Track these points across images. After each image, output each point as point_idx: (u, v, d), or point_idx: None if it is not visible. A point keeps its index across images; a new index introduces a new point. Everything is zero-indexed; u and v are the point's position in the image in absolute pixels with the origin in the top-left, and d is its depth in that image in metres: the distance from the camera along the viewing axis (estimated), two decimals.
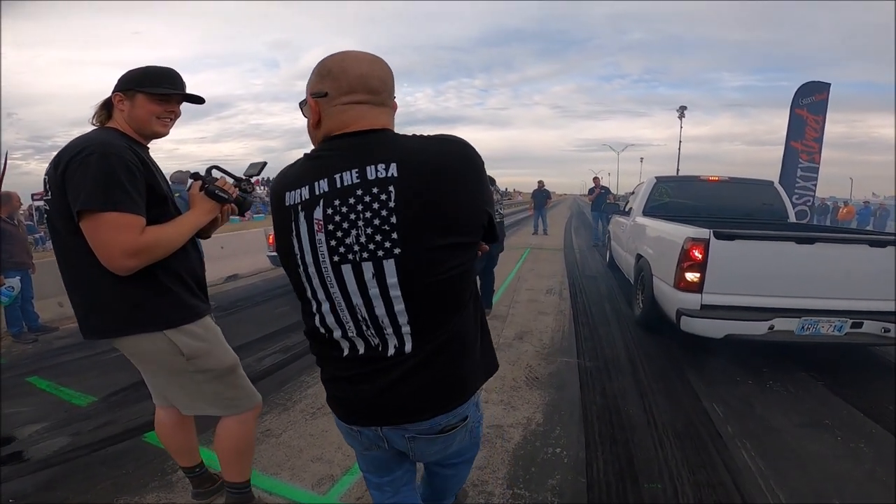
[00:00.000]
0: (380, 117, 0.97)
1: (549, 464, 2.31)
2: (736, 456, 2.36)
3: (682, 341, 4.01)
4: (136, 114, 1.53)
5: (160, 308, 1.53)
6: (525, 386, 3.23)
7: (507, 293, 6.15)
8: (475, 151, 0.96)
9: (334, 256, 0.91)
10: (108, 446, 2.54)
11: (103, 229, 1.35)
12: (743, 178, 5.85)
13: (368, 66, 0.96)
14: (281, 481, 2.21)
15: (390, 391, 0.98)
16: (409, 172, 0.87)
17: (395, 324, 0.93)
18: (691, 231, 3.56)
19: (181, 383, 1.66)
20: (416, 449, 1.06)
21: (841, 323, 3.31)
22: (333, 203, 0.90)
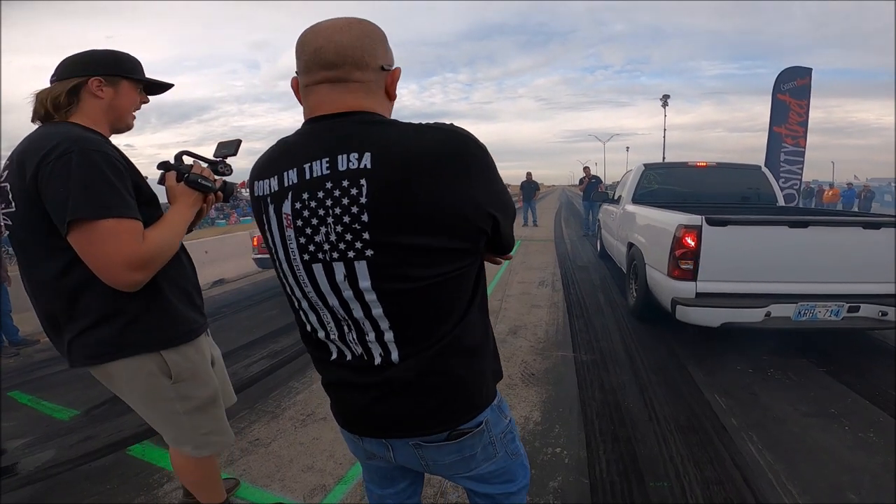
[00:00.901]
0: (344, 98, 0.81)
1: (550, 465, 2.22)
2: (743, 449, 2.29)
3: (678, 331, 3.95)
4: (120, 103, 1.35)
5: (158, 323, 1.36)
6: (521, 383, 3.14)
7: (499, 286, 6.07)
8: (473, 141, 0.80)
9: (304, 255, 0.81)
10: (92, 461, 2.45)
11: (100, 240, 1.15)
12: (731, 162, 5.85)
13: (325, 37, 0.79)
14: (271, 493, 2.12)
15: (385, 402, 0.88)
16: (383, 164, 0.74)
17: (376, 329, 0.83)
18: (683, 218, 3.49)
19: (159, 411, 1.48)
20: (426, 458, 0.94)
21: (838, 307, 3.26)
22: (302, 196, 0.79)
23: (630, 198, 5.61)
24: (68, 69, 1.31)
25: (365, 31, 0.81)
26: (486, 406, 0.94)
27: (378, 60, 0.83)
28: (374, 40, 0.82)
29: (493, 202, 0.83)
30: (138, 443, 2.56)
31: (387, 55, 0.85)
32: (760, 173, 5.62)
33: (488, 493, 1.04)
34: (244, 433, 2.66)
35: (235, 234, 9.73)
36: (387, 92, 0.87)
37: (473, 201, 0.79)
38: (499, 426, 0.97)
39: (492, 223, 0.85)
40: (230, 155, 1.53)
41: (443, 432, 0.89)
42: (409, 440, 0.91)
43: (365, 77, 0.81)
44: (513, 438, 1.03)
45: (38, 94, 1.30)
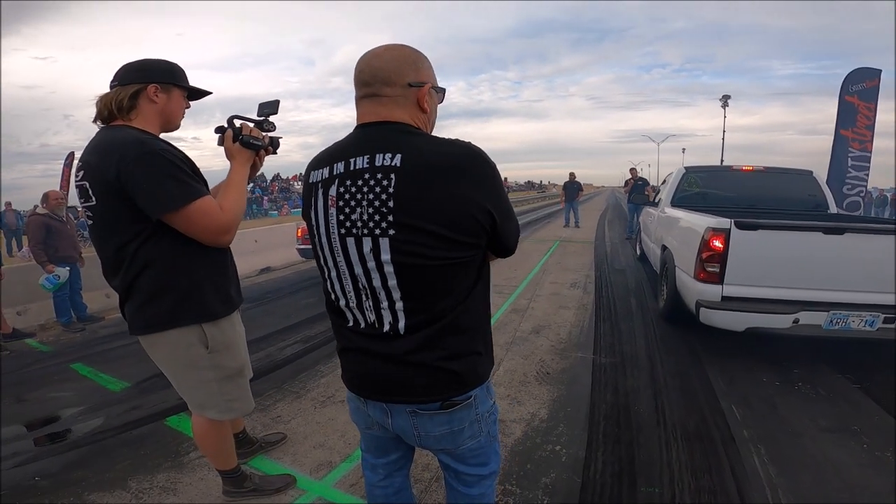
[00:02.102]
0: (378, 109, 1.01)
1: (546, 461, 2.27)
2: (746, 461, 2.25)
3: (706, 337, 3.89)
4: (172, 108, 1.59)
5: (201, 300, 1.60)
6: (534, 381, 3.19)
7: (530, 286, 6.08)
8: (483, 157, 0.98)
9: (341, 229, 0.99)
10: (133, 429, 2.72)
11: (196, 219, 1.46)
12: (779, 167, 5.58)
13: (365, 62, 1.01)
14: (282, 465, 2.31)
15: (389, 369, 1.04)
16: (410, 164, 0.93)
17: (389, 298, 0.99)
18: (712, 221, 3.45)
19: (192, 378, 1.71)
20: (419, 427, 1.08)
21: (873, 318, 3.12)
22: (346, 183, 0.98)
23: (669, 201, 5.51)
24: (129, 75, 1.54)
25: (395, 56, 1.01)
26: (477, 385, 1.09)
27: (405, 78, 1.01)
28: (402, 63, 1.01)
29: (494, 204, 0.99)
30: (175, 414, 2.82)
31: (417, 74, 1.02)
32: (812, 179, 5.35)
33: (464, 472, 1.18)
34: (268, 410, 2.88)
35: (284, 225, 10.21)
36: (418, 105, 1.03)
37: (477, 202, 0.95)
38: (485, 404, 1.12)
39: (490, 221, 0.99)
40: (272, 113, 1.74)
41: (436, 401, 1.04)
42: (407, 406, 1.07)
43: (393, 92, 1.00)
44: (494, 420, 1.18)
45: (102, 98, 1.55)
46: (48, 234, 4.81)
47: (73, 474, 2.28)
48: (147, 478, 2.22)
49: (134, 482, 2.19)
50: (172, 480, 2.20)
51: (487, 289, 1.11)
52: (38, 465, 2.38)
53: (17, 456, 2.48)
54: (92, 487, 2.17)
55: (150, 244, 1.50)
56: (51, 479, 2.25)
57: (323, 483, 2.17)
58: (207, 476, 2.20)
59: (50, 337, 4.82)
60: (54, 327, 5.09)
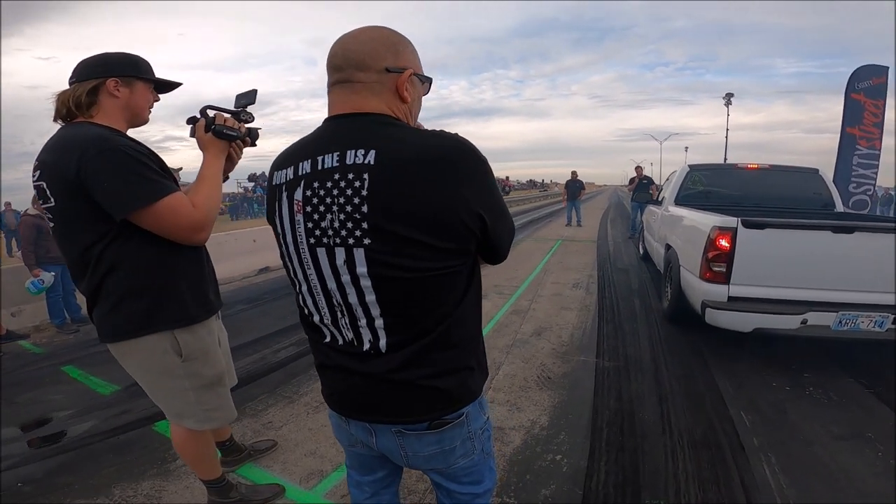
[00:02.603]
0: (351, 98, 0.88)
1: (547, 472, 2.17)
2: (756, 471, 2.15)
3: (712, 340, 3.81)
4: (136, 101, 1.50)
5: (172, 305, 1.51)
6: (535, 386, 3.09)
7: (531, 287, 5.97)
8: (472, 151, 0.85)
9: (310, 238, 0.88)
10: (120, 434, 2.64)
11: (164, 217, 1.38)
12: (785, 165, 5.50)
13: (339, 44, 0.89)
14: (270, 473, 2.23)
15: (371, 387, 0.94)
16: (386, 162, 0.81)
17: (368, 315, 0.89)
18: (718, 220, 3.38)
19: (167, 388, 1.62)
20: (406, 447, 0.98)
21: (882, 318, 3.06)
22: (313, 185, 0.86)
23: (673, 199, 5.43)
24: (87, 70, 1.45)
25: (372, 37, 0.88)
26: (469, 402, 0.98)
27: (382, 63, 0.88)
28: (380, 44, 0.88)
29: (484, 204, 0.87)
30: (164, 419, 2.73)
31: (396, 58, 0.90)
32: (818, 177, 5.27)
33: (456, 491, 1.07)
34: (260, 415, 2.79)
35: None
36: (397, 93, 0.91)
37: (466, 204, 0.83)
38: (478, 421, 1.01)
39: (481, 225, 0.87)
40: (249, 103, 1.65)
41: (424, 421, 0.94)
42: (392, 426, 0.96)
43: (367, 78, 0.87)
44: (489, 437, 1.07)
45: (59, 95, 1.46)
46: (39, 234, 4.74)
47: (57, 479, 2.23)
48: (132, 485, 2.15)
49: (118, 489, 2.13)
50: (157, 489, 2.13)
51: (479, 298, 1.00)
52: (25, 471, 2.32)
53: (4, 460, 2.42)
54: (76, 494, 2.10)
55: (117, 245, 1.40)
56: (35, 485, 2.19)
57: (313, 493, 2.08)
58: (193, 485, 2.12)
59: (44, 339, 4.75)
60: (48, 328, 5.02)
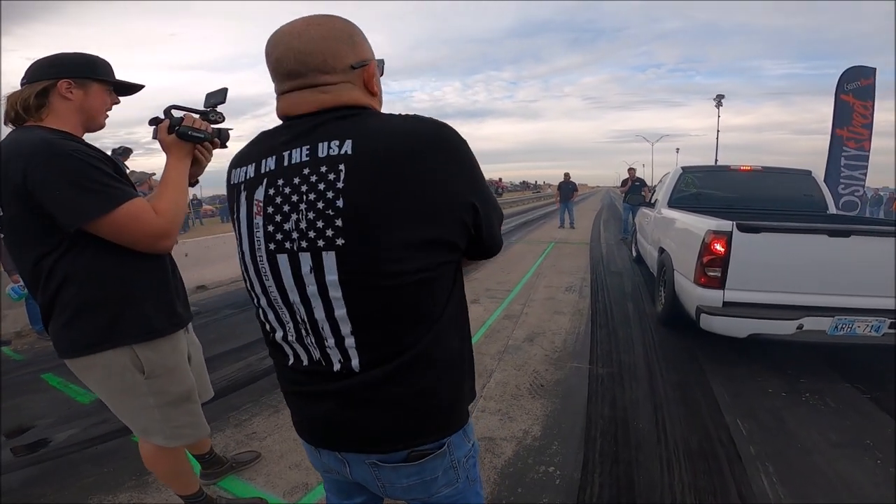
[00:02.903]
0: (319, 97, 0.79)
1: (539, 485, 2.10)
2: (754, 481, 2.09)
3: (708, 345, 3.76)
4: (90, 104, 1.41)
5: (132, 319, 1.42)
6: (527, 394, 3.02)
7: (524, 290, 5.91)
8: (453, 133, 0.78)
9: (270, 244, 0.78)
10: (98, 444, 2.56)
11: (124, 226, 1.29)
12: (777, 167, 5.52)
13: (284, 45, 0.77)
14: (254, 487, 2.15)
15: (342, 413, 0.84)
16: (364, 150, 0.72)
17: (336, 333, 0.79)
18: (713, 223, 3.33)
19: (130, 405, 1.53)
20: (382, 478, 0.89)
21: (879, 323, 3.02)
22: (277, 183, 0.77)
23: (666, 201, 5.40)
24: (38, 72, 1.36)
25: (323, 33, 0.78)
26: (456, 429, 0.89)
27: (345, 60, 0.79)
28: (335, 41, 0.78)
29: (475, 191, 0.80)
30: None
31: (356, 52, 0.81)
32: (810, 179, 5.28)
33: None
34: (244, 426, 2.70)
35: None
36: (366, 88, 0.84)
37: (455, 191, 0.77)
38: (462, 449, 0.92)
39: (473, 215, 0.80)
40: (219, 103, 1.56)
41: (401, 451, 0.85)
42: (366, 458, 0.86)
43: (334, 79, 0.79)
44: (474, 464, 0.97)
45: (8, 98, 1.37)
46: None
47: (33, 490, 2.16)
48: (109, 497, 2.09)
49: (94, 501, 2.06)
50: (135, 501, 2.06)
51: (464, 307, 0.90)
52: None
53: None
54: None
55: (70, 257, 1.31)
56: (10, 496, 2.12)
57: None
58: (172, 498, 2.02)
59: (24, 345, 4.63)
60: (30, 335, 4.90)
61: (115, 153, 5.96)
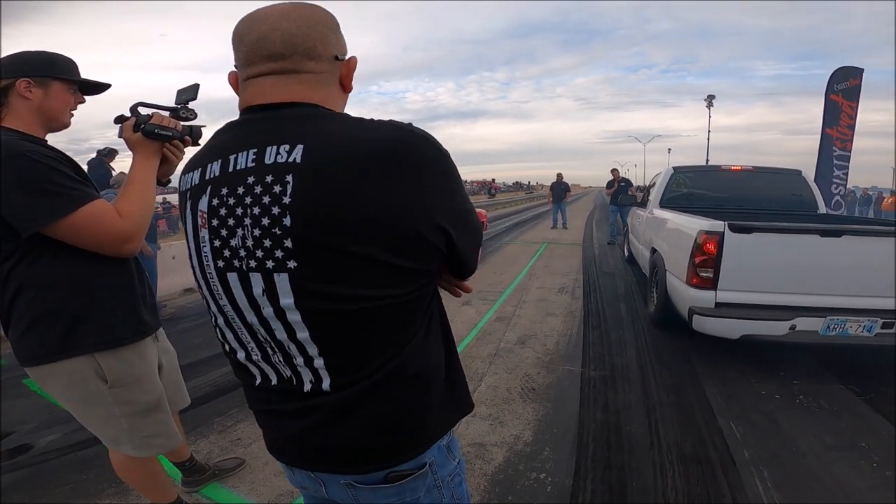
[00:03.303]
0: (292, 88, 0.71)
1: (530, 492, 2.05)
2: (748, 486, 2.05)
3: (701, 347, 3.73)
4: (51, 104, 1.35)
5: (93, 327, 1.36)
6: (519, 398, 2.96)
7: (516, 292, 5.86)
8: (431, 143, 0.69)
9: (218, 261, 0.71)
10: (78, 450, 2.49)
11: (85, 228, 1.24)
12: (768, 167, 5.56)
13: (270, 24, 0.69)
14: (238, 495, 2.09)
15: (315, 432, 0.77)
16: (316, 159, 0.64)
17: (304, 354, 0.72)
18: (705, 223, 3.31)
19: (96, 415, 1.48)
20: (360, 498, 0.83)
21: (871, 323, 3.01)
22: (221, 192, 0.69)
23: (658, 202, 5.41)
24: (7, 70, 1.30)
25: (315, 17, 0.72)
26: (431, 444, 0.82)
27: (331, 50, 0.74)
28: (326, 27, 0.73)
29: (447, 214, 0.71)
30: None
31: (339, 44, 0.76)
32: (801, 178, 5.31)
33: None
34: (228, 432, 2.64)
35: None
36: (342, 84, 0.78)
37: (422, 210, 0.67)
38: (446, 468, 0.86)
39: (445, 240, 0.72)
40: (191, 99, 1.49)
41: (379, 472, 0.79)
42: (341, 478, 0.80)
43: (318, 68, 0.72)
44: (460, 482, 0.91)
45: None
46: None
47: (11, 499, 2.10)
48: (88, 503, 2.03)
49: None
50: None
51: (444, 320, 0.85)
52: None
53: None
54: None
55: (25, 263, 1.26)
56: None
57: None
58: None
59: (7, 349, 4.51)
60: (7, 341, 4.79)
61: (101, 154, 5.85)
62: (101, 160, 5.68)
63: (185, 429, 2.30)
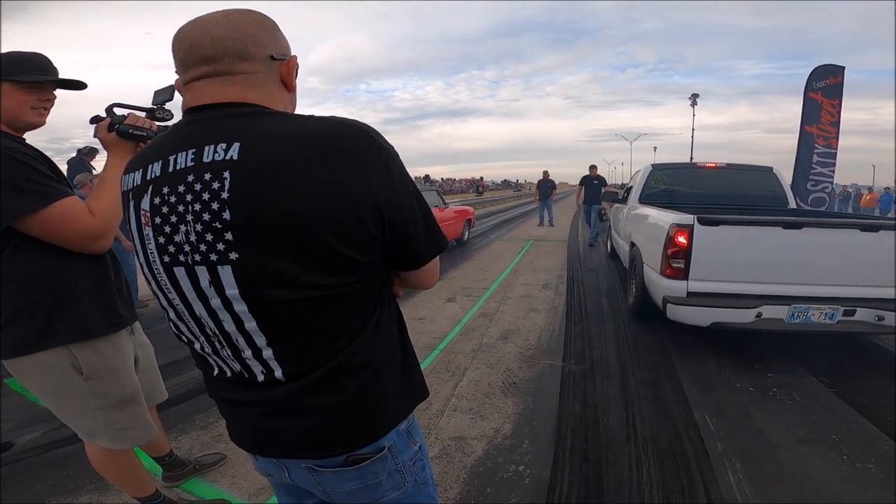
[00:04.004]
0: (226, 89, 0.73)
1: (508, 484, 2.08)
2: (721, 479, 2.10)
3: (679, 342, 3.82)
4: (5, 105, 1.34)
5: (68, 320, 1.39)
6: (500, 392, 2.99)
7: (501, 288, 5.89)
8: (366, 132, 0.71)
9: (164, 256, 0.73)
10: (58, 448, 2.48)
11: (56, 224, 1.27)
12: (741, 164, 5.79)
13: (201, 31, 0.72)
14: (218, 488, 2.10)
15: (273, 420, 0.80)
16: (252, 155, 0.66)
17: (252, 345, 0.74)
18: (676, 217, 3.48)
19: (71, 407, 1.50)
20: (323, 483, 0.85)
21: (833, 311, 3.20)
22: (162, 191, 0.71)
23: (637, 198, 5.59)
24: None
25: (246, 21, 0.74)
26: (389, 430, 0.84)
27: (265, 50, 0.75)
28: (258, 29, 0.75)
29: (386, 196, 0.71)
30: None
31: (277, 44, 0.78)
32: (771, 175, 5.56)
33: None
34: (210, 428, 2.63)
35: None
36: (284, 83, 0.80)
37: (354, 200, 0.68)
38: (406, 452, 0.89)
39: (379, 222, 0.72)
40: (167, 100, 1.49)
41: (337, 456, 0.81)
42: (302, 462, 0.83)
43: (251, 68, 0.74)
44: (423, 466, 0.93)
45: None
46: None
47: None
48: (68, 500, 2.03)
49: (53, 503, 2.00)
50: (95, 502, 2.00)
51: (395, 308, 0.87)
52: None
53: None
54: None
55: (4, 257, 1.28)
56: None
57: None
58: (133, 500, 1.96)
59: None
60: None
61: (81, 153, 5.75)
62: (81, 159, 5.60)
63: (166, 425, 2.30)
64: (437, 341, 3.96)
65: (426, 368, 3.39)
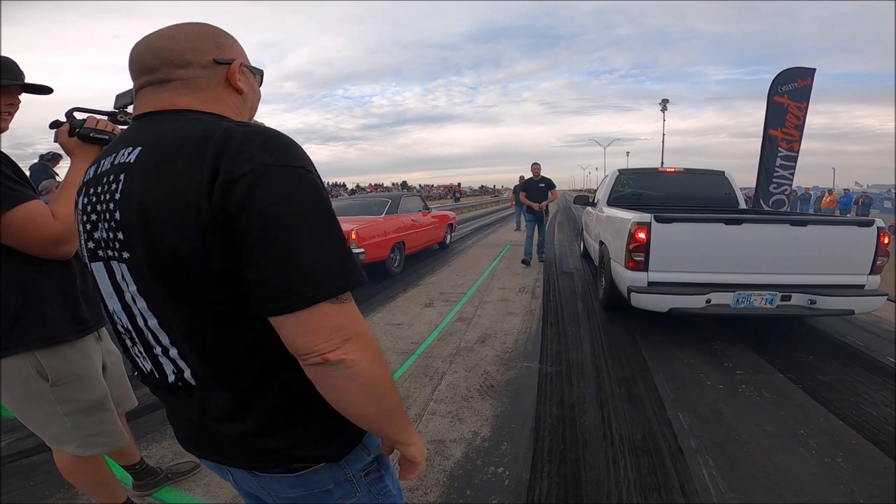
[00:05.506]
0: (162, 96, 0.76)
1: (488, 486, 2.08)
2: (696, 475, 2.14)
3: (653, 342, 3.93)
4: None
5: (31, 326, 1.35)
6: (478, 395, 3.00)
7: (478, 293, 5.91)
8: (255, 134, 0.65)
9: (87, 252, 0.79)
10: (25, 458, 2.41)
11: (18, 228, 1.24)
12: (696, 168, 6.30)
13: (145, 44, 0.76)
14: (192, 497, 2.06)
15: (199, 423, 0.78)
16: (144, 158, 0.69)
17: (159, 343, 0.75)
18: (636, 216, 3.90)
19: (38, 413, 1.46)
20: (267, 487, 0.81)
21: (772, 296, 3.65)
22: (90, 191, 0.77)
23: (605, 200, 6.02)
24: None
25: (188, 31, 0.78)
26: (332, 439, 0.78)
27: (205, 56, 0.78)
28: (198, 37, 0.78)
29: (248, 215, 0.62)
30: None
31: (220, 50, 0.80)
32: (724, 178, 6.09)
33: None
34: None
35: None
36: (229, 84, 0.82)
37: (209, 202, 0.62)
38: (358, 463, 0.83)
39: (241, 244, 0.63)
40: (129, 104, 1.46)
41: (274, 466, 0.78)
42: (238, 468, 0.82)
43: (189, 74, 0.77)
44: (380, 478, 0.87)
45: None
46: None
47: None
48: None
49: None
50: None
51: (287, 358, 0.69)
52: None
53: None
54: None
55: None
56: None
57: None
58: None
59: None
60: None
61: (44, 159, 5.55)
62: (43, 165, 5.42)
63: (137, 435, 2.24)
64: (415, 346, 3.95)
65: (404, 373, 3.37)
